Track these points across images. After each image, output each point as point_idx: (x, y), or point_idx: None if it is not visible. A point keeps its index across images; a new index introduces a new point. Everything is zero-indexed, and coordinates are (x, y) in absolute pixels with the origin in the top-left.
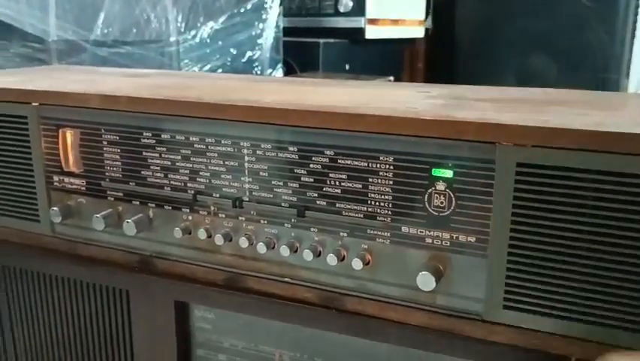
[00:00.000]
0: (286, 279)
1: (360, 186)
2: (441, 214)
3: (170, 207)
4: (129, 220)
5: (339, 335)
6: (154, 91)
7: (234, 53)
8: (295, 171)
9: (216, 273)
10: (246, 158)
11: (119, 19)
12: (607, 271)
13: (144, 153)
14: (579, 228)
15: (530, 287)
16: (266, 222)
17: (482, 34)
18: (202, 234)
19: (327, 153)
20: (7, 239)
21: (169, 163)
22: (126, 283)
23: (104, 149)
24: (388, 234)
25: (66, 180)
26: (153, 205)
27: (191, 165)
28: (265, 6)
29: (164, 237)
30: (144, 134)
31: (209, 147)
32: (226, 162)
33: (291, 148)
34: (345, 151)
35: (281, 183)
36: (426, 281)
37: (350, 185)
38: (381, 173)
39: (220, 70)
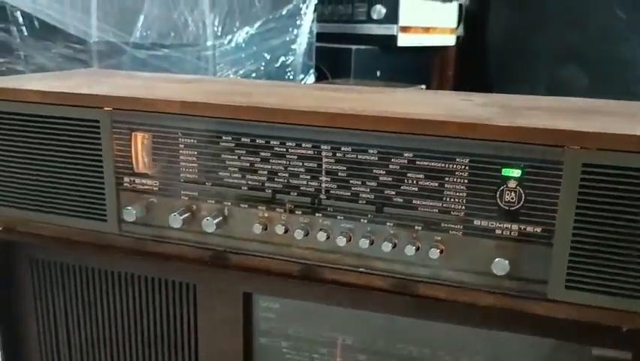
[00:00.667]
0: (361, 269)
1: (437, 184)
2: (511, 208)
3: (247, 206)
4: (209, 218)
5: (400, 320)
6: (221, 97)
7: (268, 58)
8: (374, 171)
9: (291, 265)
10: (325, 160)
11: (158, 22)
12: None
13: (223, 156)
14: (635, 219)
15: (589, 270)
16: (342, 217)
17: (513, 44)
18: (279, 229)
19: (406, 155)
20: (70, 238)
21: (247, 165)
22: (194, 278)
23: (181, 151)
24: (461, 226)
25: (137, 181)
26: (229, 204)
27: (270, 167)
28: (300, 12)
29: (238, 233)
30: (224, 137)
31: (289, 150)
32: (305, 164)
33: (370, 151)
34: (424, 153)
35: (359, 182)
36: (501, 266)
37: (426, 183)
38: (457, 173)
39: (254, 75)
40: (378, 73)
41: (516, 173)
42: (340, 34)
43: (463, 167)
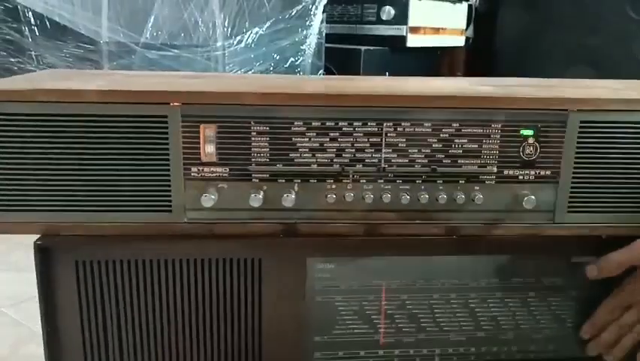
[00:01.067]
0: (417, 221)
1: (476, 146)
2: (529, 159)
3: (315, 180)
4: (288, 194)
5: (434, 260)
6: (280, 88)
7: (277, 58)
8: (428, 140)
9: (357, 226)
10: (388, 134)
11: (168, 22)
12: (633, 184)
13: (294, 139)
14: (617, 161)
15: (584, 198)
16: (401, 181)
17: (523, 46)
18: (347, 197)
19: (454, 125)
20: (133, 233)
21: (317, 145)
22: (259, 253)
23: (253, 138)
24: (494, 177)
25: (206, 169)
26: (299, 181)
27: (338, 145)
28: (309, 13)
29: (308, 205)
30: (295, 123)
31: (356, 128)
32: (370, 139)
33: (425, 124)
34: (468, 123)
35: (416, 150)
36: (530, 202)
37: (469, 146)
38: (491, 136)
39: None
40: (387, 74)
41: (531, 132)
42: (349, 35)
43: (496, 131)
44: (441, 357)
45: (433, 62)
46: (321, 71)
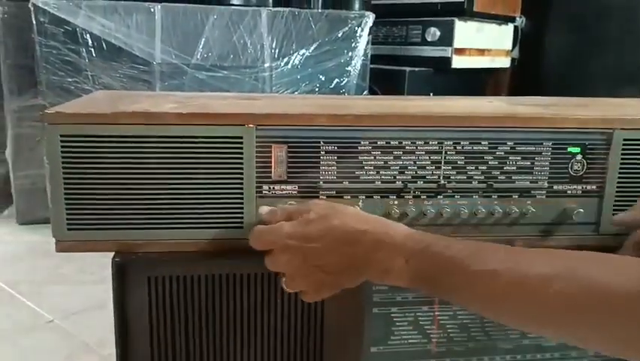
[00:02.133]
0: (473, 235)
1: (529, 163)
2: (577, 175)
3: (379, 197)
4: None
5: None
6: (344, 110)
7: (322, 79)
8: (484, 157)
9: None
10: (448, 152)
11: (218, 44)
12: None
13: (360, 158)
14: None
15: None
16: (459, 196)
17: (569, 67)
18: (410, 212)
19: (509, 143)
20: (206, 249)
21: (382, 163)
22: None
23: (322, 157)
24: (545, 192)
25: (277, 187)
26: (363, 197)
27: (401, 162)
28: (355, 35)
29: None
30: (362, 142)
31: (418, 147)
32: (431, 157)
33: (483, 143)
34: (521, 141)
35: (473, 168)
36: (579, 215)
37: (522, 164)
38: (543, 153)
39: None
40: (431, 94)
41: (579, 150)
42: (394, 56)
43: (547, 149)
44: None
45: (478, 83)
46: (365, 92)
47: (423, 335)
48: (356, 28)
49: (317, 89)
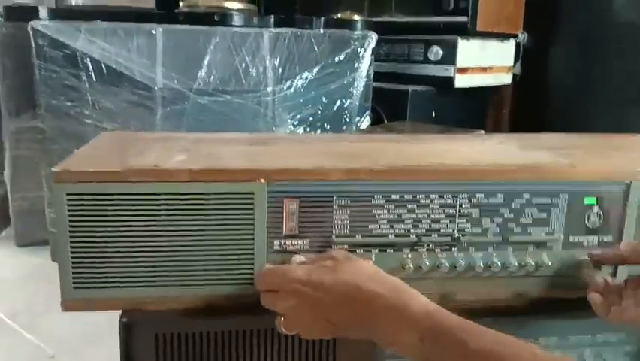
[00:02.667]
0: (488, 287)
1: (545, 215)
2: (593, 226)
3: (392, 250)
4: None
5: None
6: (362, 160)
7: (325, 102)
8: (500, 210)
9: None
10: (463, 205)
11: (220, 68)
12: None
13: (373, 211)
14: None
15: None
16: (474, 249)
17: (572, 82)
18: (424, 266)
19: (525, 195)
20: (216, 306)
21: (395, 216)
22: None
23: (335, 211)
24: (561, 243)
25: (288, 242)
26: (376, 251)
27: (415, 216)
28: (358, 56)
29: None
30: (375, 196)
31: (432, 200)
32: (445, 210)
33: (498, 195)
34: (537, 193)
35: (488, 220)
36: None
37: (538, 215)
38: (559, 205)
39: (311, 118)
40: (433, 114)
41: (594, 201)
42: (395, 74)
43: (563, 201)
44: None
45: (480, 101)
46: (367, 112)
47: None
48: (359, 49)
49: (320, 112)
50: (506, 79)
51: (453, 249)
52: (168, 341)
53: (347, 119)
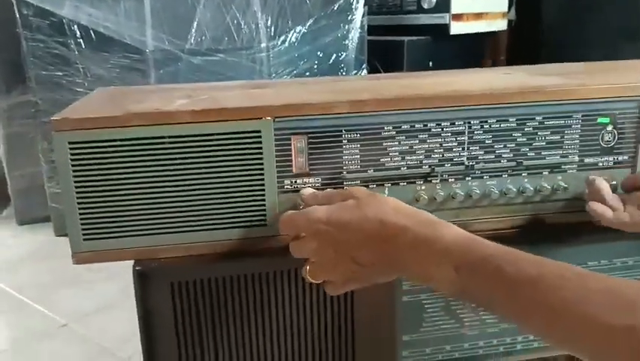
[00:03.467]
0: (503, 215)
1: (559, 137)
2: (608, 145)
3: (405, 183)
4: None
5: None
6: (364, 94)
7: (321, 55)
8: (513, 135)
9: None
10: (475, 132)
11: (211, 27)
12: None
13: (384, 144)
14: None
15: None
16: (488, 177)
17: (567, 26)
18: (438, 196)
19: (537, 118)
20: (229, 250)
21: (407, 147)
22: None
23: (344, 147)
24: (576, 165)
25: (299, 180)
26: (389, 185)
27: (427, 146)
28: (351, 7)
29: None
30: (385, 128)
31: (444, 129)
32: (458, 138)
33: (510, 119)
34: (550, 115)
35: (502, 146)
36: (613, 187)
37: (552, 137)
38: (573, 126)
39: (307, 74)
40: (430, 63)
41: (608, 120)
42: (390, 26)
43: (577, 121)
44: (522, 344)
45: (477, 48)
46: (364, 65)
47: (455, 319)
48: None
49: (316, 66)
50: (501, 25)
51: (467, 178)
52: (184, 288)
53: (344, 73)
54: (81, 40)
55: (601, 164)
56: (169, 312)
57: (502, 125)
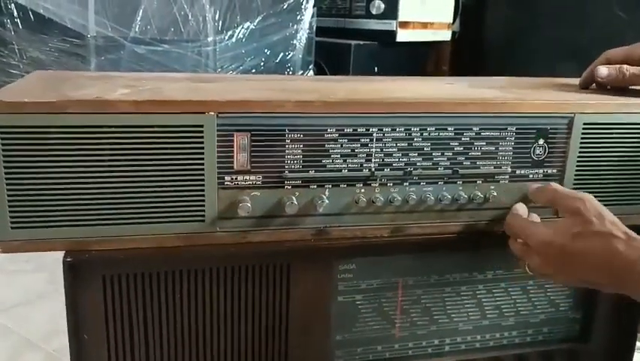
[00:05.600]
0: (437, 221)
1: (494, 148)
2: (539, 159)
3: (346, 185)
4: (320, 200)
5: (446, 256)
6: (312, 95)
7: (268, 53)
8: (450, 143)
9: (382, 229)
10: (414, 139)
11: (158, 16)
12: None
13: (327, 146)
14: (615, 158)
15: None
16: (425, 183)
17: (510, 40)
18: (377, 200)
19: (474, 128)
20: (165, 245)
21: (348, 150)
22: (288, 258)
23: (287, 146)
24: (508, 176)
25: (239, 177)
26: (330, 186)
27: (368, 150)
28: (300, 7)
29: (338, 209)
30: (329, 130)
31: (385, 134)
32: (398, 144)
33: (449, 128)
34: (486, 126)
35: (439, 154)
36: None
37: (487, 148)
38: (507, 138)
39: (253, 71)
40: (375, 68)
41: (542, 134)
42: (338, 29)
43: (511, 133)
44: (450, 346)
45: (421, 56)
46: (311, 66)
47: (387, 320)
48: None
49: (262, 64)
50: (446, 35)
51: (405, 183)
52: (116, 282)
53: (290, 72)
54: (18, 20)
55: (531, 176)
56: (99, 306)
57: (440, 134)
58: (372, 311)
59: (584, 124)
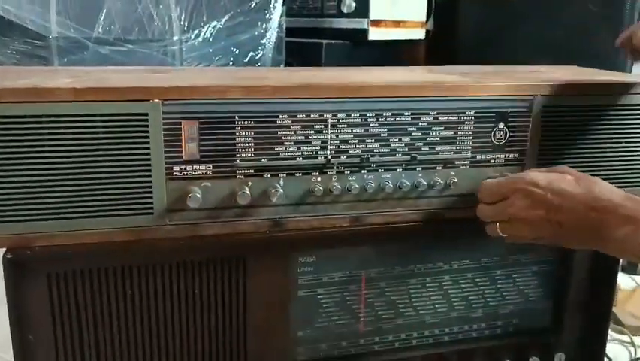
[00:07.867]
0: (398, 209)
1: (452, 133)
2: (500, 143)
3: (301, 174)
4: (274, 189)
5: (409, 247)
6: (265, 81)
7: (236, 52)
8: (408, 129)
9: (341, 219)
10: (370, 124)
11: (121, 16)
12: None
13: (279, 133)
14: (579, 141)
15: None
16: (383, 170)
17: (484, 38)
18: (334, 188)
19: (432, 113)
20: (112, 240)
21: (302, 138)
22: (244, 251)
23: (237, 134)
24: (468, 162)
25: (189, 168)
26: (284, 175)
27: (322, 137)
28: (269, 5)
29: (294, 199)
30: (280, 116)
31: (340, 120)
32: (354, 130)
33: (406, 113)
34: (444, 111)
35: (397, 140)
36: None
37: (445, 133)
38: (466, 123)
39: None
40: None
41: (501, 118)
42: (310, 29)
43: (470, 118)
44: (418, 340)
45: (394, 55)
46: (282, 66)
47: (351, 314)
48: None
49: (231, 63)
50: (420, 34)
51: (362, 171)
52: (62, 279)
53: None
54: None
55: (493, 161)
56: (45, 305)
57: (397, 119)
58: (334, 306)
59: (544, 106)
